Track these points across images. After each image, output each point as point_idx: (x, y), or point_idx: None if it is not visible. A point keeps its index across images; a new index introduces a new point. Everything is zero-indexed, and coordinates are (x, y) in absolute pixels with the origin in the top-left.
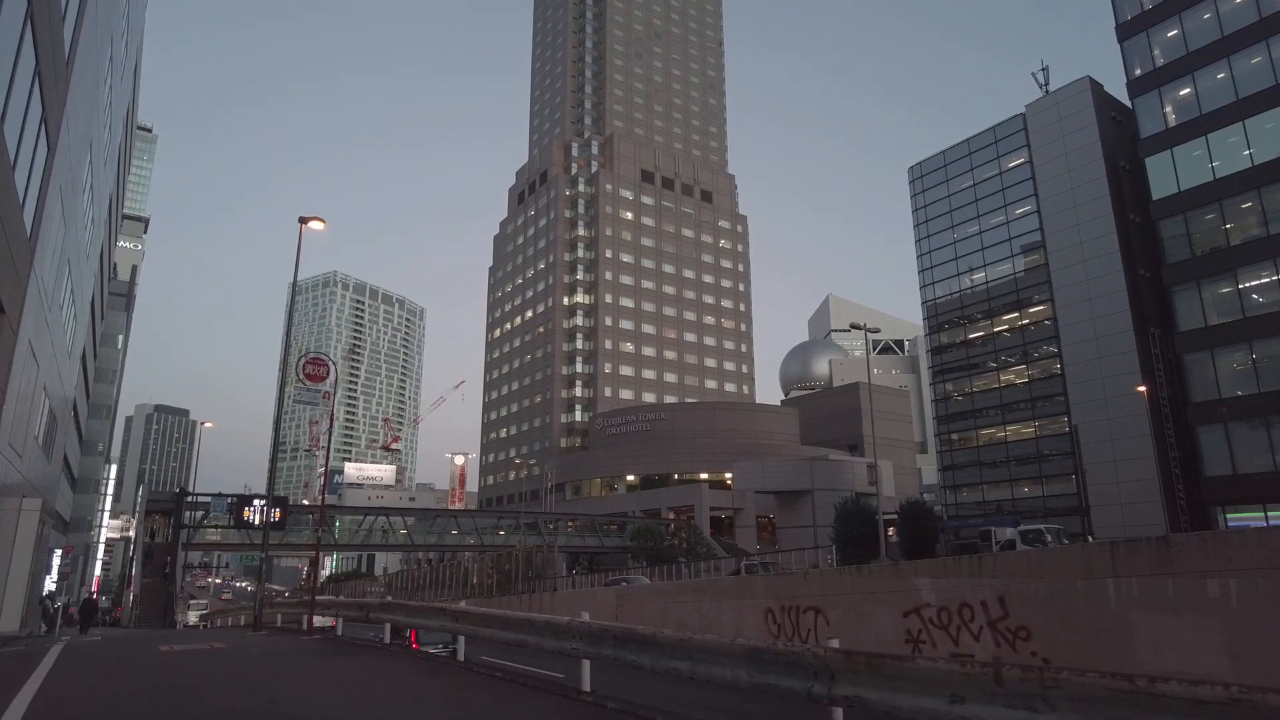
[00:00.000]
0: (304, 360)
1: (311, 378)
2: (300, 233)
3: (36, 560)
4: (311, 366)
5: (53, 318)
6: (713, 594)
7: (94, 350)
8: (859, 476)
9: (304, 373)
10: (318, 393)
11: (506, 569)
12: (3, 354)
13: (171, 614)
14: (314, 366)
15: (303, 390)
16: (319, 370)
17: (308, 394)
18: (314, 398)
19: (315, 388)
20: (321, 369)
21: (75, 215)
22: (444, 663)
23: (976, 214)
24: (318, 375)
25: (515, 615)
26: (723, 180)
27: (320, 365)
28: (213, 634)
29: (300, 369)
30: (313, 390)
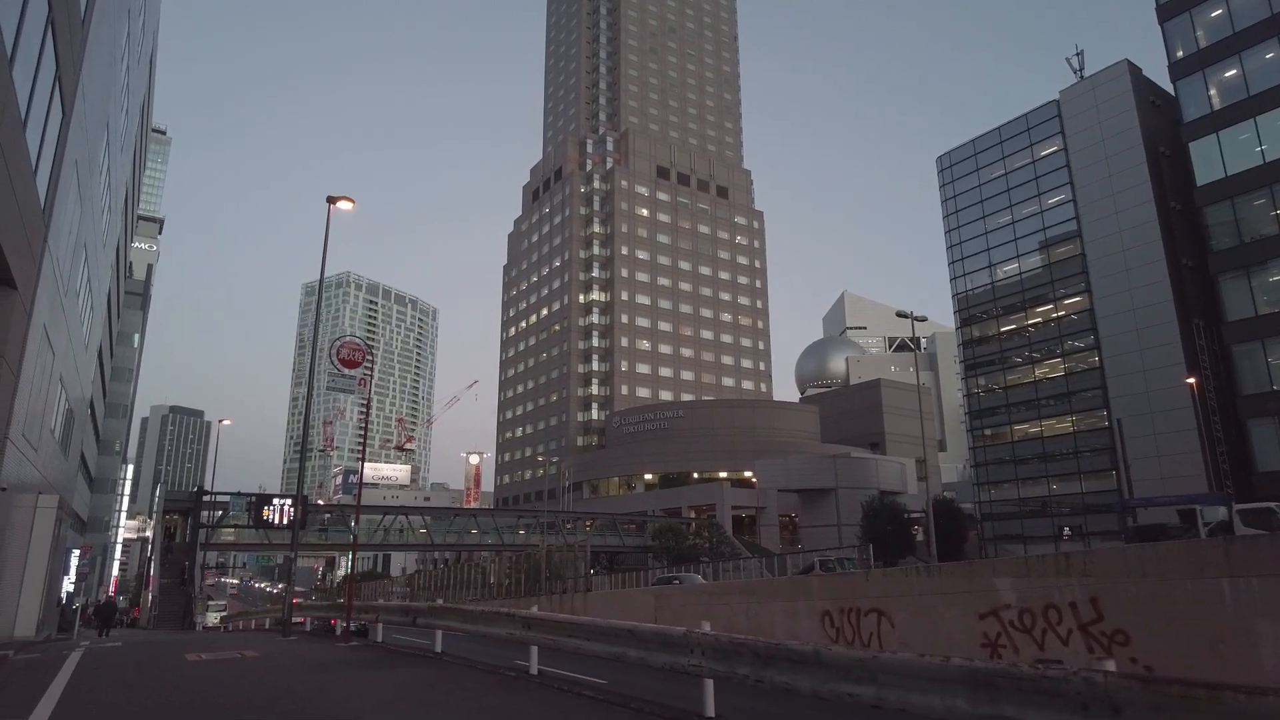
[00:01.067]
0: (337, 345)
1: (346, 363)
2: (329, 213)
3: (54, 561)
4: (346, 351)
5: (69, 304)
6: (762, 595)
7: (110, 348)
8: (883, 474)
9: (338, 358)
10: (353, 379)
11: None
12: (14, 334)
13: (190, 615)
14: (348, 351)
15: (337, 377)
16: (354, 355)
17: (343, 381)
18: (349, 384)
19: (350, 374)
20: (357, 354)
21: (92, 197)
22: (514, 678)
23: (1009, 203)
24: (352, 360)
25: (611, 624)
26: (738, 176)
27: (355, 350)
28: (238, 638)
29: (334, 354)
30: (348, 377)
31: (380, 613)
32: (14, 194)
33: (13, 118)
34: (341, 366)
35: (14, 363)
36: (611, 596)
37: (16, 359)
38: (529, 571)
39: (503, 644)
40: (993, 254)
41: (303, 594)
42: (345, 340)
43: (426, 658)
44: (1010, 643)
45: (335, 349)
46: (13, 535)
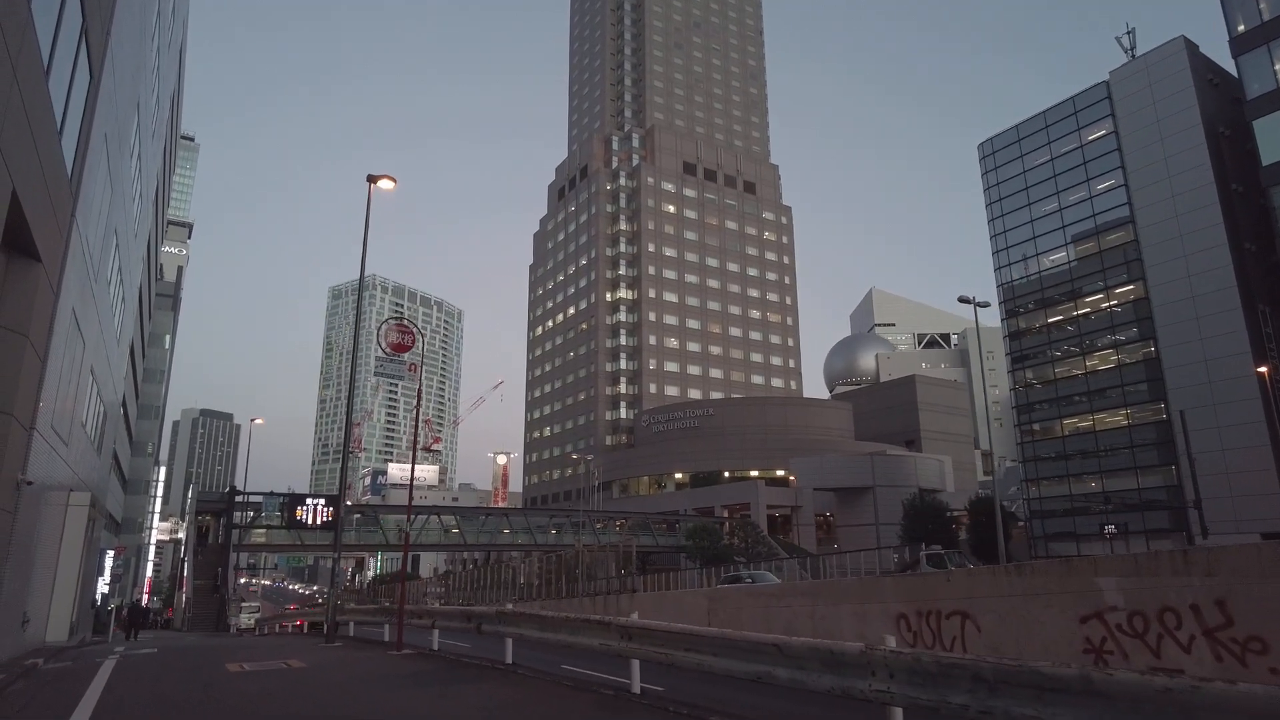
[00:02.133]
0: (385, 326)
1: (395, 347)
2: (369, 192)
3: (88, 562)
4: (395, 334)
5: (99, 292)
6: (828, 597)
7: (143, 348)
8: (922, 472)
9: (385, 341)
10: (402, 364)
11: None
12: (39, 312)
13: (224, 617)
14: (398, 334)
15: (385, 361)
16: (404, 338)
17: (392, 365)
18: (398, 370)
19: (399, 358)
20: (406, 336)
21: (123, 181)
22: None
23: (1055, 190)
24: (402, 344)
25: (747, 638)
26: (766, 171)
27: (405, 333)
28: (278, 644)
29: (381, 337)
30: (396, 361)
31: (436, 618)
32: (36, 152)
33: (31, 59)
34: (389, 350)
35: (40, 344)
36: (660, 598)
37: (43, 341)
38: (559, 572)
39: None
40: (1039, 242)
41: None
42: (394, 321)
43: (497, 670)
44: (1118, 648)
45: (383, 331)
46: (43, 535)
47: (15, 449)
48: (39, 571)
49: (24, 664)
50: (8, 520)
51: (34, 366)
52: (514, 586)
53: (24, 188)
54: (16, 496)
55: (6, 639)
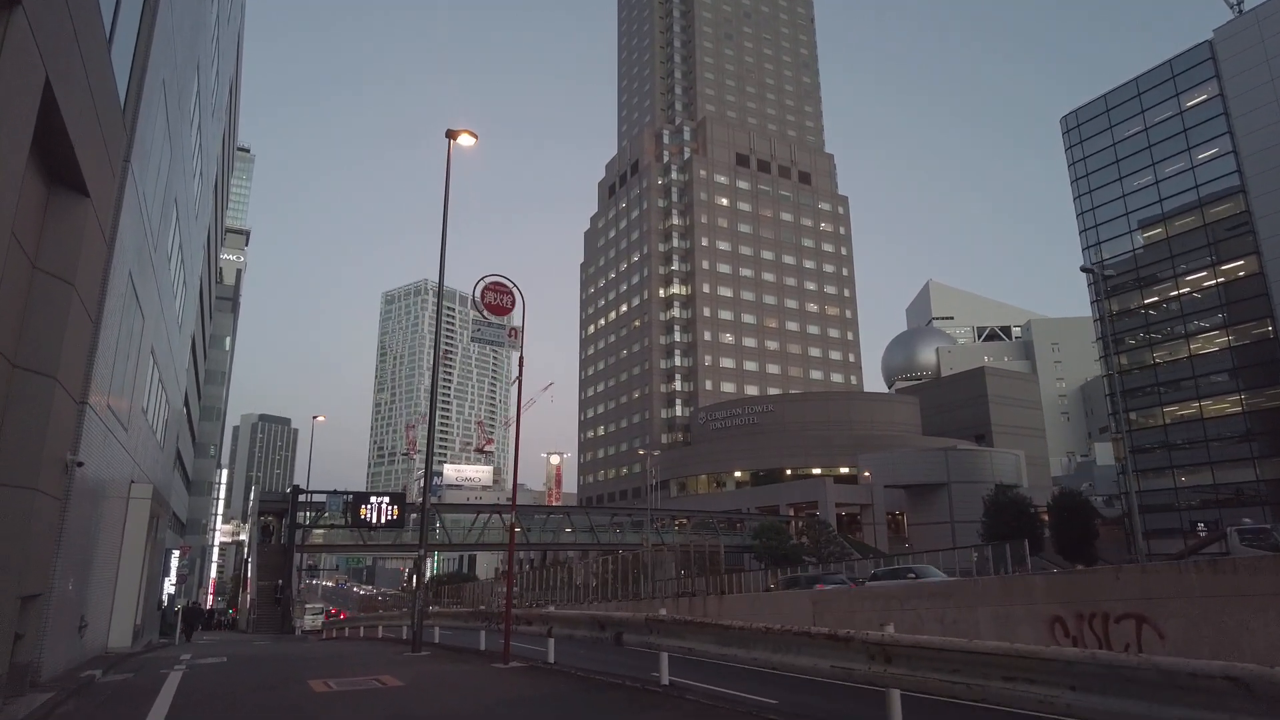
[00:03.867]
0: (481, 286)
1: (493, 309)
2: (449, 150)
3: (153, 561)
4: (492, 294)
5: (159, 264)
6: (962, 598)
7: (204, 347)
8: (999, 467)
9: (483, 302)
10: (501, 329)
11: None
12: (88, 256)
13: (289, 619)
14: (495, 294)
15: (483, 326)
16: (502, 299)
17: (490, 330)
18: (497, 335)
19: (498, 321)
20: (505, 297)
21: (182, 146)
22: None
23: (1150, 161)
24: (500, 306)
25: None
26: (821, 160)
27: (503, 293)
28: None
29: (478, 298)
30: (495, 326)
31: (553, 624)
32: (79, 49)
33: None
34: (487, 313)
35: (91, 301)
36: (755, 600)
37: (95, 297)
38: (631, 571)
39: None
40: (1132, 218)
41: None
42: (491, 280)
43: (653, 694)
44: None
45: (479, 291)
46: (102, 530)
47: (62, 423)
48: (98, 571)
49: (79, 676)
50: (54, 509)
51: (83, 326)
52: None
53: (63, 88)
54: (67, 481)
55: (60, 647)
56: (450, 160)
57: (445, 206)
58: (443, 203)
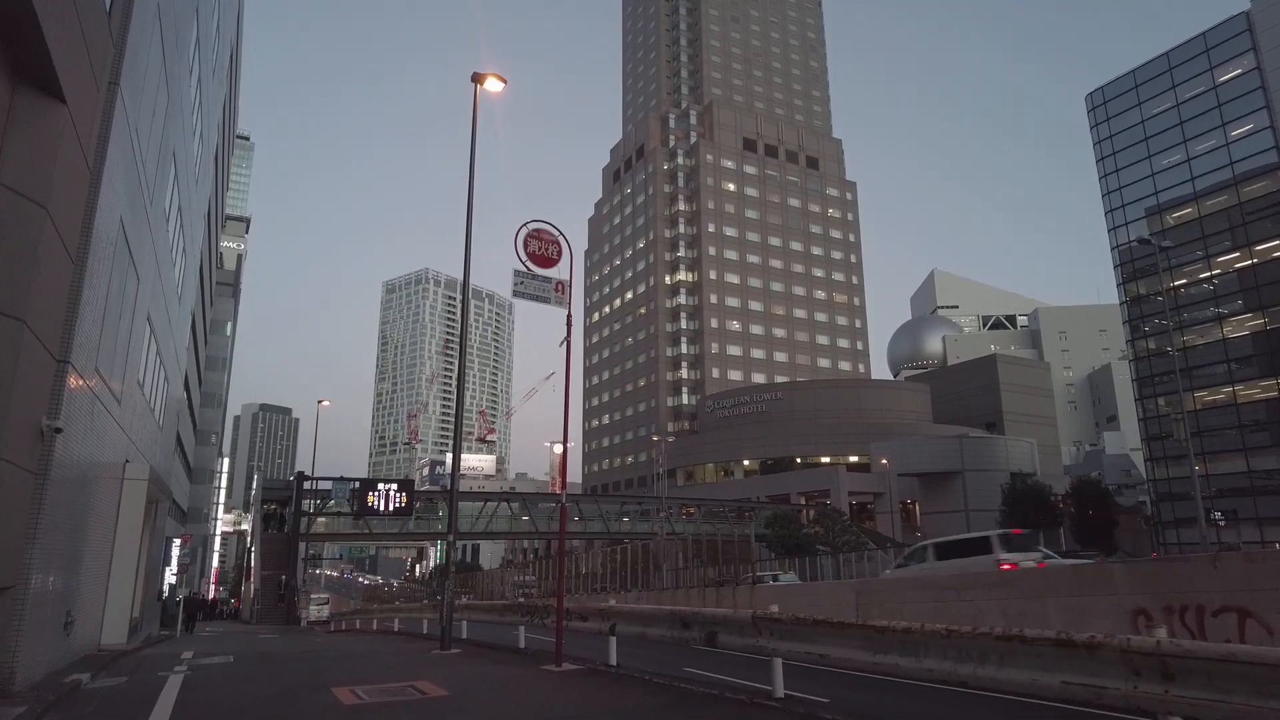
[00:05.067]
0: (524, 234)
1: (537, 259)
2: (475, 94)
3: (152, 549)
4: (536, 242)
5: (155, 220)
6: (1026, 589)
7: (205, 331)
8: (1013, 455)
9: (525, 252)
10: (547, 282)
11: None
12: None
13: (294, 610)
14: (540, 243)
15: (526, 279)
16: (547, 248)
17: (534, 284)
18: (543, 289)
19: (544, 275)
20: (551, 246)
21: (180, 94)
22: None
23: (1181, 138)
24: (545, 256)
25: None
26: (828, 145)
27: (548, 242)
28: (378, 650)
29: (520, 246)
30: (540, 279)
31: (621, 620)
32: None
33: None
34: (530, 265)
35: (70, 234)
36: (791, 591)
37: (74, 231)
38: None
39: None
40: (1161, 197)
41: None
42: (534, 226)
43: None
44: None
45: (521, 240)
46: (94, 514)
47: (36, 379)
48: (89, 560)
49: (62, 682)
50: (26, 484)
51: (60, 265)
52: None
53: None
54: (43, 452)
55: (39, 648)
56: (476, 107)
57: (472, 154)
58: (469, 158)
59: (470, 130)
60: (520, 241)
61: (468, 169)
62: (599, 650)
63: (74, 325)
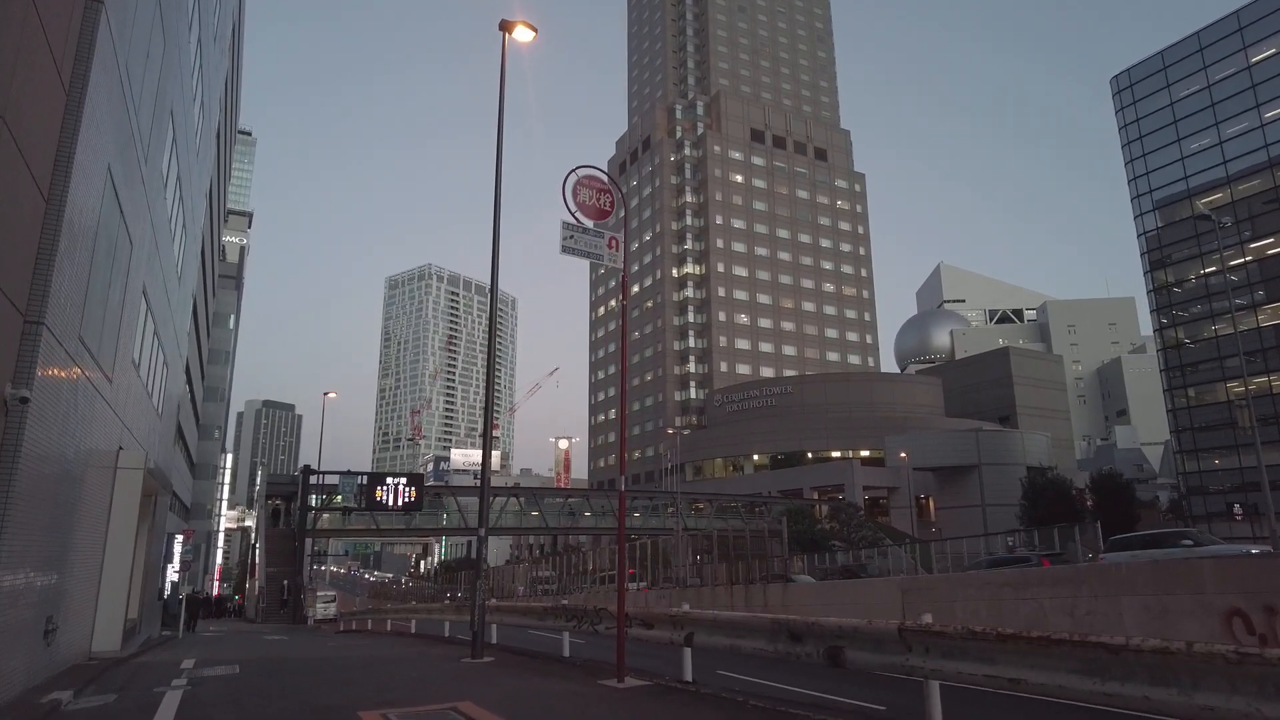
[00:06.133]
0: (573, 181)
1: (588, 210)
2: (504, 43)
3: (151, 547)
4: (587, 191)
5: (150, 179)
6: (1098, 586)
7: (207, 323)
8: (1030, 449)
9: (574, 202)
10: (600, 236)
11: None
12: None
13: (300, 608)
14: (591, 192)
15: (577, 233)
16: (599, 198)
17: (585, 239)
18: (595, 245)
19: (597, 228)
20: (603, 196)
21: (178, 47)
22: None
23: (1213, 120)
24: (597, 207)
25: None
26: (837, 137)
27: (601, 191)
28: (403, 660)
29: (569, 195)
30: (592, 234)
31: (700, 629)
32: None
33: None
34: (580, 217)
35: (41, 165)
36: (832, 589)
37: (47, 161)
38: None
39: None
40: (1191, 181)
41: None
42: (585, 173)
43: None
44: None
45: (570, 189)
46: (83, 507)
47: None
48: (78, 558)
49: (40, 702)
50: None
51: (28, 198)
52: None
53: None
54: (10, 427)
55: (13, 662)
56: (505, 57)
57: (500, 108)
58: (497, 117)
59: (499, 80)
60: (569, 190)
61: (496, 136)
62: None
63: (49, 279)
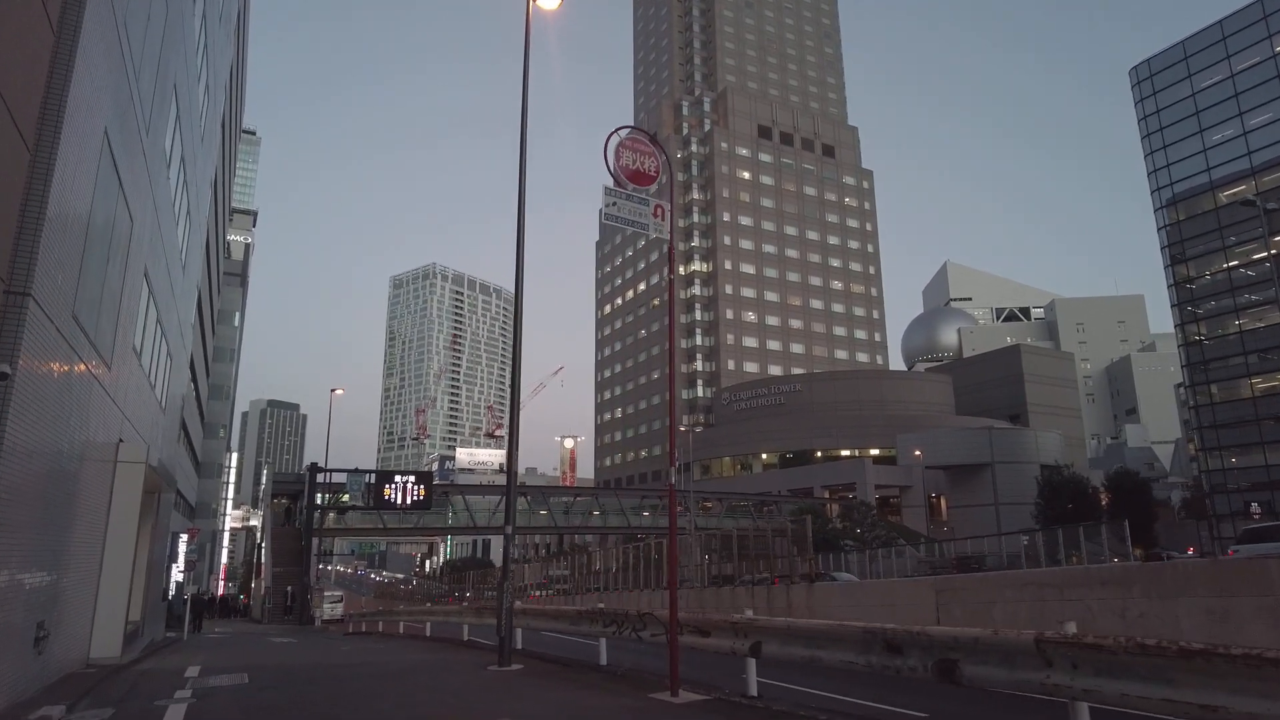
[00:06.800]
0: (615, 142)
1: (632, 175)
2: (528, 8)
3: (154, 545)
4: (630, 153)
5: (151, 153)
6: (1152, 586)
7: (213, 319)
8: (1044, 447)
9: (617, 164)
10: (644, 203)
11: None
12: (14, 23)
13: (308, 609)
14: (634, 154)
15: (619, 199)
16: (643, 161)
17: (628, 205)
18: (639, 212)
19: (640, 194)
20: (648, 159)
21: (180, 13)
22: None
23: (1237, 110)
24: (641, 171)
25: None
26: (844, 133)
27: (644, 153)
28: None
29: (610, 159)
30: (636, 200)
31: (769, 638)
32: None
33: None
34: (623, 178)
35: (25, 110)
36: (860, 590)
37: (32, 107)
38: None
39: None
40: (1214, 173)
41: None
42: (628, 134)
43: None
44: None
45: (613, 151)
46: (79, 503)
47: None
48: (73, 557)
49: (27, 719)
50: None
51: (10, 145)
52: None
53: None
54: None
55: None
56: (530, 20)
57: (525, 69)
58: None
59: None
60: (611, 152)
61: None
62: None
63: (36, 244)
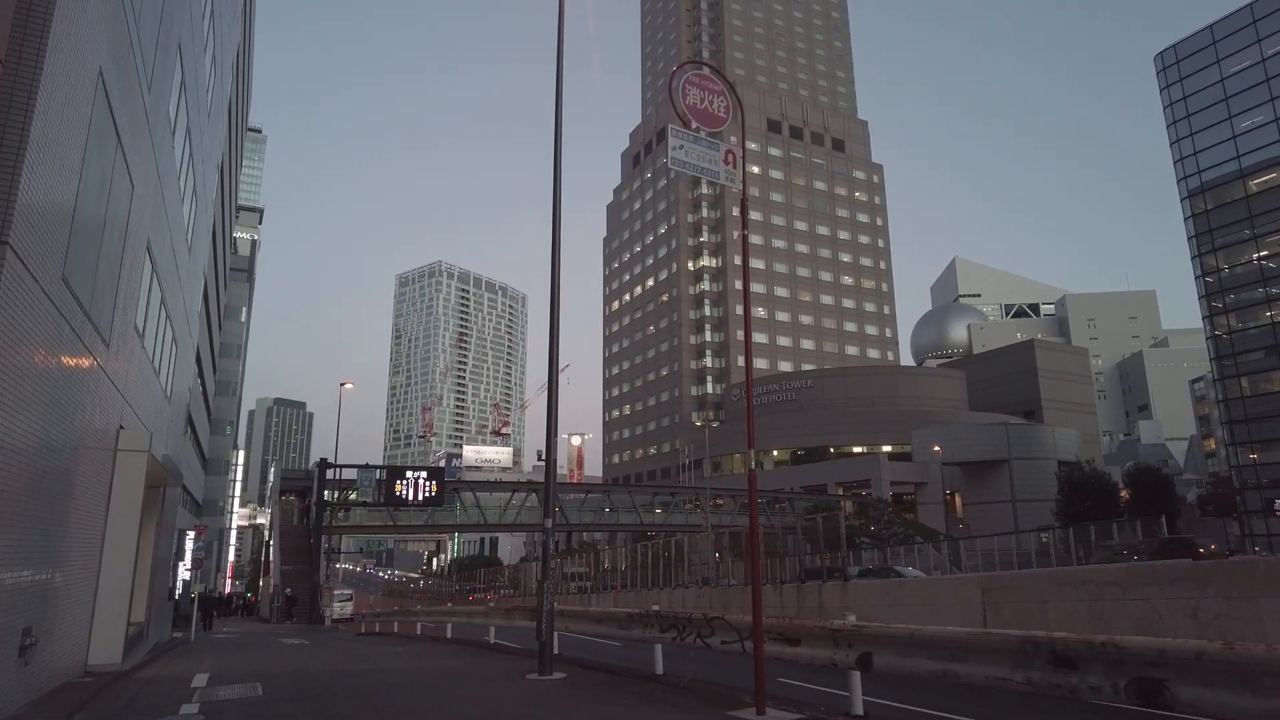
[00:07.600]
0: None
1: (700, 115)
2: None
3: (161, 542)
4: (697, 92)
5: (155, 116)
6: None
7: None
8: (1060, 444)
9: (684, 104)
10: (714, 148)
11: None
12: None
13: (317, 607)
14: (703, 93)
15: (687, 143)
16: (711, 102)
17: (697, 150)
18: (709, 158)
19: (709, 139)
20: (717, 100)
21: None
22: None
23: (1269, 96)
24: (710, 113)
25: None
26: (854, 127)
27: (714, 92)
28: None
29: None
30: (705, 144)
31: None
32: None
33: None
34: (691, 120)
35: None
36: (900, 588)
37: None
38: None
39: None
40: (1243, 161)
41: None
42: (695, 73)
43: None
44: None
45: (680, 89)
46: (76, 496)
47: None
48: (70, 556)
49: None
50: None
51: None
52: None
53: None
54: None
55: None
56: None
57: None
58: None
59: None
60: (679, 90)
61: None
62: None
63: (15, 182)
